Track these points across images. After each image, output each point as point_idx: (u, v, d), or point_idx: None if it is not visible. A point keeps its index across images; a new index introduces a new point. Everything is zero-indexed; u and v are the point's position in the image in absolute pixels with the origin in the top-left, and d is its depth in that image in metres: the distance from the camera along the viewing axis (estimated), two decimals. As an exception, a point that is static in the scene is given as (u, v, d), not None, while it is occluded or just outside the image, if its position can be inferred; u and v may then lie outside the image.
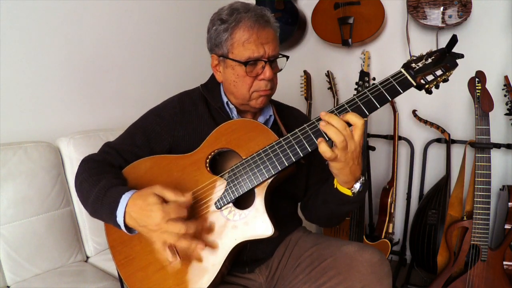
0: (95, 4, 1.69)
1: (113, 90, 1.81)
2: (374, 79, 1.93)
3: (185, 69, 2.20)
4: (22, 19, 1.42)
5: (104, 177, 0.88)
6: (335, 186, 0.90)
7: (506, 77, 1.74)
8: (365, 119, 0.84)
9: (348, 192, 0.88)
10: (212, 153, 0.91)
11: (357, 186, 0.87)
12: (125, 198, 0.80)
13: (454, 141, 1.96)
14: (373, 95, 0.82)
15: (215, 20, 0.96)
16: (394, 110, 2.02)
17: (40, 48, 1.49)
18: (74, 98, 1.63)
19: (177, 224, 0.75)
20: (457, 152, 2.02)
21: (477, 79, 1.60)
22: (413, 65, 0.84)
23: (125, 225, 0.81)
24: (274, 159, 0.84)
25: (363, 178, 0.88)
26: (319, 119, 0.83)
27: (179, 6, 2.15)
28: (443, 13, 1.80)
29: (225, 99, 1.03)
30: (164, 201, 0.78)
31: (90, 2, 1.66)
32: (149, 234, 0.78)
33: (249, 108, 1.01)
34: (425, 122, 1.97)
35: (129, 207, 0.79)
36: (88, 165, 0.93)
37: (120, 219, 0.80)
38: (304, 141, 0.83)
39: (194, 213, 0.87)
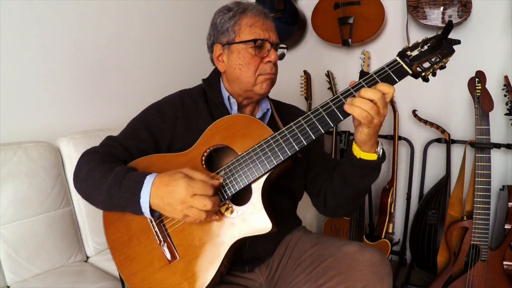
0: (96, 5, 1.69)
1: (114, 90, 1.80)
2: (374, 79, 1.93)
3: (186, 70, 2.20)
4: (22, 19, 1.42)
5: (117, 165, 0.86)
6: (358, 157, 0.88)
7: (506, 77, 1.74)
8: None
9: (373, 156, 0.87)
10: (208, 150, 0.91)
11: (379, 148, 0.88)
12: (150, 179, 0.80)
13: (454, 141, 1.96)
14: (368, 86, 0.80)
15: (220, 12, 1.01)
16: (394, 110, 2.02)
17: (40, 48, 1.49)
18: (74, 98, 1.63)
19: (202, 199, 0.76)
20: (457, 152, 2.02)
21: (477, 79, 1.60)
22: (409, 52, 0.83)
23: (150, 207, 0.80)
24: (269, 154, 0.84)
25: (378, 140, 0.88)
26: (314, 111, 0.83)
27: (181, 8, 2.15)
28: (443, 13, 1.80)
29: (226, 94, 1.03)
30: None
31: (91, 2, 1.66)
32: (174, 214, 0.78)
33: (253, 95, 1.02)
34: (425, 122, 1.97)
35: (154, 185, 0.79)
36: (94, 156, 0.91)
37: (145, 200, 0.79)
38: (299, 135, 0.83)
39: None
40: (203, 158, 0.90)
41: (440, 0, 1.80)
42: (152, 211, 0.81)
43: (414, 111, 2.02)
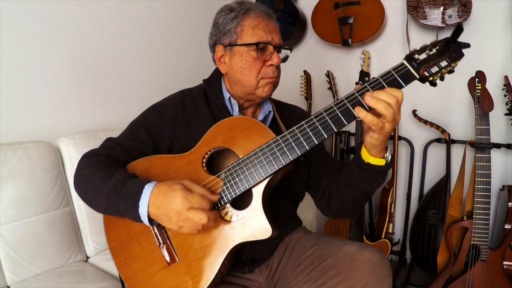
0: (97, 5, 1.69)
1: (114, 90, 1.80)
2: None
3: (187, 70, 2.20)
4: (22, 19, 1.42)
5: (115, 170, 0.85)
6: (366, 161, 0.88)
7: (506, 77, 1.74)
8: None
9: (381, 162, 0.87)
10: (209, 153, 0.90)
11: (388, 153, 0.87)
12: (148, 188, 0.79)
13: (454, 141, 1.96)
14: (374, 90, 0.79)
15: (223, 11, 0.99)
16: (394, 110, 2.02)
17: (41, 48, 1.49)
18: (74, 98, 1.63)
19: (198, 213, 0.75)
20: (457, 152, 2.02)
21: (477, 79, 1.60)
22: (416, 56, 0.80)
23: (148, 216, 0.79)
24: (271, 158, 0.83)
25: (388, 145, 0.88)
26: (317, 116, 0.82)
27: (182, 7, 2.15)
28: (443, 13, 1.80)
29: (227, 95, 1.02)
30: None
31: (91, 3, 1.66)
32: (170, 224, 0.78)
33: (254, 98, 1.01)
34: (425, 122, 1.97)
35: (153, 194, 0.78)
36: (93, 159, 0.91)
37: (143, 209, 0.79)
38: (302, 139, 0.81)
39: None
40: (204, 160, 0.89)
41: (440, 0, 1.80)
42: (151, 220, 0.81)
43: (414, 111, 2.02)
